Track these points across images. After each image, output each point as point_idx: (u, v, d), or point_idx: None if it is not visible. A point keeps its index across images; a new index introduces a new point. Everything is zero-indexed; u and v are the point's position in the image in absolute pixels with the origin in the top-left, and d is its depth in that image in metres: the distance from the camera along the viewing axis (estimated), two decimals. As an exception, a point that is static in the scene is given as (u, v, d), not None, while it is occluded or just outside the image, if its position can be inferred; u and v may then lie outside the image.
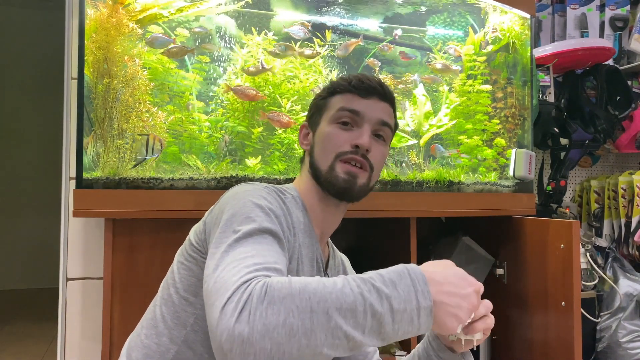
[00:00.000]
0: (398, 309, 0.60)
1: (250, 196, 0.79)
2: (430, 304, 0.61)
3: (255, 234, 0.71)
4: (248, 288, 0.58)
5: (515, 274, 1.67)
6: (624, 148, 2.23)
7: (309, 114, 0.98)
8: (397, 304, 0.60)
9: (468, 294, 0.65)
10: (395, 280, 0.62)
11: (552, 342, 1.48)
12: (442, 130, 1.67)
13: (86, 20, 1.27)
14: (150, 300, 0.91)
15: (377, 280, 0.61)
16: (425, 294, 0.61)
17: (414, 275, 0.62)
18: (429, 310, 0.61)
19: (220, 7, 1.45)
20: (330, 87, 0.95)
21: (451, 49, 1.70)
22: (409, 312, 0.60)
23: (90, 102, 1.27)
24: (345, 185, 0.88)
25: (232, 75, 1.47)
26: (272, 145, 1.46)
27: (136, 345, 0.85)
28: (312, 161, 0.92)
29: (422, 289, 0.62)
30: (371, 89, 0.91)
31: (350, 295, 0.59)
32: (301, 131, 0.99)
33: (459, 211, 1.57)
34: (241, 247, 0.68)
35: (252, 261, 0.64)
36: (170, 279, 0.86)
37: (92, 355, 1.44)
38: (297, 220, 0.86)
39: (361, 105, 0.90)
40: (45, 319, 3.35)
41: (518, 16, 1.77)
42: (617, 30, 2.27)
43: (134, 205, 1.23)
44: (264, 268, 0.64)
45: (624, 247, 2.13)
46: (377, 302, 0.59)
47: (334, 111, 0.91)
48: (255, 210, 0.75)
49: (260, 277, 0.61)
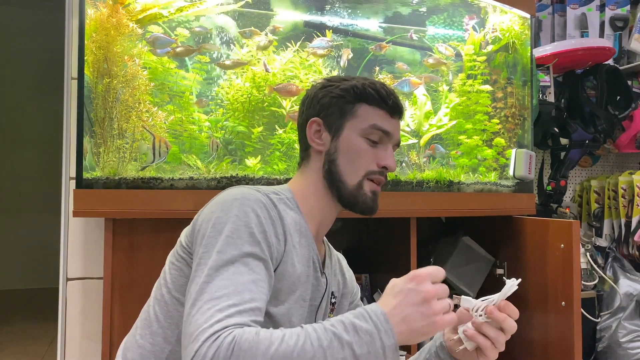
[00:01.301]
0: (361, 353, 0.64)
1: (237, 210, 0.78)
2: (394, 341, 0.64)
3: (237, 260, 0.73)
4: (216, 342, 0.62)
5: (515, 274, 1.67)
6: (624, 148, 2.23)
7: (324, 111, 0.92)
8: (359, 348, 0.64)
9: (431, 313, 0.66)
10: (356, 325, 0.65)
11: (552, 342, 1.48)
12: (442, 130, 1.67)
13: (86, 20, 1.27)
14: (150, 300, 0.92)
15: (338, 327, 0.65)
16: (388, 333, 0.65)
17: (374, 316, 0.66)
18: (394, 347, 0.65)
19: (220, 7, 1.45)
20: (358, 92, 0.90)
21: (441, 47, 1.69)
22: (373, 353, 0.64)
23: (90, 102, 1.27)
24: (372, 205, 0.92)
25: (232, 75, 1.47)
26: (272, 145, 1.46)
27: (131, 346, 0.86)
28: (333, 169, 0.90)
29: (385, 329, 0.65)
30: (399, 108, 0.93)
31: (310, 351, 0.62)
32: (311, 126, 0.93)
33: (459, 211, 1.57)
34: (219, 279, 0.71)
35: (227, 303, 0.67)
36: (162, 279, 0.87)
37: (92, 355, 1.44)
38: (291, 221, 0.86)
39: (390, 125, 0.92)
40: (45, 319, 3.35)
41: (518, 16, 1.77)
42: (617, 30, 2.27)
43: (134, 205, 1.23)
44: (237, 312, 0.67)
45: (624, 247, 2.13)
46: (338, 351, 0.63)
47: (365, 125, 0.90)
48: (239, 230, 0.75)
49: (231, 327, 0.65)
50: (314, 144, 0.93)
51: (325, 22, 1.59)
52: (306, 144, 0.94)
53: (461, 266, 1.66)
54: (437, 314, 0.66)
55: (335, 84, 0.93)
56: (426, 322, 0.66)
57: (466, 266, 1.67)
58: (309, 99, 0.95)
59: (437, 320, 0.66)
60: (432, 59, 1.66)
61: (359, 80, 0.92)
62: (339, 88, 0.92)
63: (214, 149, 1.37)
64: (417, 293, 0.67)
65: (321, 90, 0.94)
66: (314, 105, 0.93)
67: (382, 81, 1.02)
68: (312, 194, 0.92)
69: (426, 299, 0.66)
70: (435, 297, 0.67)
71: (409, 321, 0.66)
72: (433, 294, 0.67)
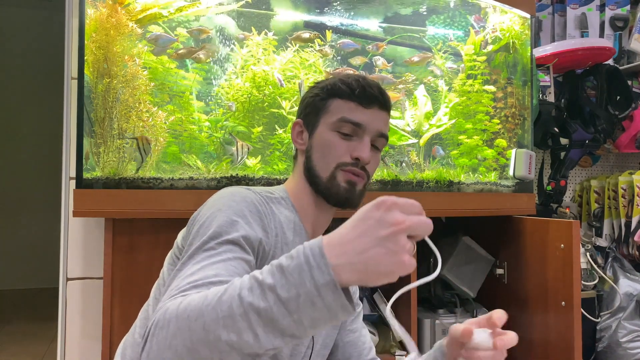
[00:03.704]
0: (289, 297, 0.51)
1: (222, 205, 0.79)
2: (330, 278, 0.51)
3: (213, 248, 0.71)
4: (157, 315, 0.58)
5: (515, 274, 1.67)
6: (624, 148, 2.23)
7: (304, 111, 0.95)
8: (285, 292, 0.51)
9: (383, 237, 0.51)
10: (283, 265, 0.53)
11: (552, 341, 1.48)
12: (441, 130, 1.67)
13: (86, 20, 1.27)
14: (150, 300, 0.92)
15: (264, 272, 0.54)
16: (322, 269, 0.51)
17: (308, 250, 0.53)
18: (333, 285, 0.51)
19: (220, 7, 1.45)
20: (330, 88, 0.92)
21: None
22: (304, 296, 0.51)
23: (90, 102, 1.27)
24: (347, 195, 0.89)
25: (232, 74, 1.47)
26: (272, 145, 1.46)
27: (130, 344, 0.88)
28: (309, 165, 0.92)
29: (318, 264, 0.51)
30: (373, 98, 0.90)
31: (227, 302, 0.53)
32: (294, 128, 0.96)
33: (459, 211, 1.57)
34: (189, 265, 0.68)
35: (187, 280, 0.64)
36: (161, 280, 0.89)
37: (92, 355, 1.44)
38: (285, 219, 0.87)
39: (363, 116, 0.89)
40: (45, 319, 3.35)
41: (518, 16, 1.77)
42: (617, 30, 2.27)
43: (134, 205, 1.23)
44: (193, 287, 0.62)
45: (624, 247, 2.13)
46: (258, 299, 0.52)
47: (334, 118, 0.90)
48: (221, 223, 0.75)
49: (178, 298, 0.60)
50: (297, 144, 0.96)
51: (325, 22, 1.59)
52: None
53: (461, 266, 1.66)
54: (406, 251, 0.51)
55: (317, 84, 0.95)
56: (392, 259, 0.51)
57: (466, 266, 1.67)
58: (300, 102, 0.99)
59: (405, 260, 0.51)
60: (417, 57, 1.65)
61: (337, 77, 0.93)
62: (317, 87, 0.94)
63: (243, 153, 1.37)
64: (382, 224, 0.52)
65: (306, 92, 0.97)
66: (300, 108, 0.97)
67: (363, 75, 1.00)
68: (302, 192, 0.93)
69: (394, 233, 0.51)
70: (405, 232, 0.52)
71: (369, 257, 0.51)
72: (404, 226, 0.52)
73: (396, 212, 0.52)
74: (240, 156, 1.36)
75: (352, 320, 1.05)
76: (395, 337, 1.54)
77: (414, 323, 1.50)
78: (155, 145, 1.32)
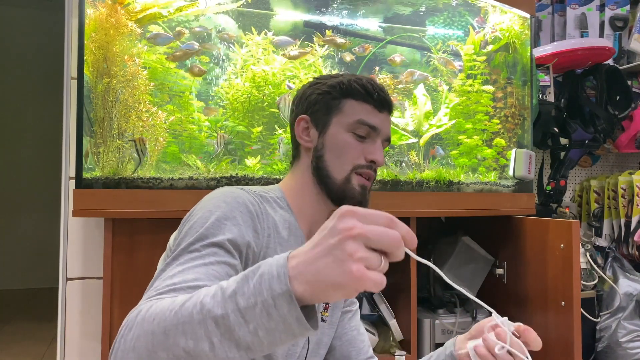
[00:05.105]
0: (247, 306, 0.49)
1: (211, 205, 0.78)
2: (287, 288, 0.48)
3: (197, 250, 0.71)
4: (129, 316, 0.58)
5: (515, 274, 1.67)
6: (623, 148, 2.23)
7: (311, 108, 0.93)
8: (245, 301, 0.50)
9: (331, 245, 0.47)
10: (249, 273, 0.52)
11: (552, 341, 1.48)
12: (441, 130, 1.67)
13: (86, 20, 1.27)
14: (150, 300, 0.92)
15: (232, 279, 0.53)
16: (281, 278, 0.49)
17: (275, 259, 0.51)
18: (288, 296, 0.48)
19: (220, 6, 1.45)
20: (344, 88, 0.91)
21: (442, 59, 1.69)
22: (261, 305, 0.49)
23: (90, 102, 1.27)
24: (361, 199, 0.91)
25: (232, 74, 1.47)
26: (271, 144, 1.46)
27: None
28: (320, 165, 0.91)
29: (279, 273, 0.49)
30: (385, 103, 0.93)
31: (189, 308, 0.52)
32: (299, 124, 0.94)
33: (459, 211, 1.57)
34: (172, 265, 0.68)
35: (166, 283, 0.64)
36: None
37: (92, 355, 1.44)
38: (279, 219, 0.86)
39: (377, 120, 0.91)
40: (45, 319, 3.35)
41: (518, 16, 1.77)
42: (617, 30, 2.27)
43: (134, 205, 1.23)
44: (171, 289, 0.62)
45: (623, 247, 2.13)
46: (217, 306, 0.51)
47: (351, 120, 0.90)
48: (205, 221, 0.75)
49: (152, 300, 0.60)
50: (302, 141, 0.94)
51: (325, 22, 1.59)
52: (296, 142, 0.96)
53: (461, 266, 1.66)
54: (353, 260, 0.46)
55: (323, 81, 0.94)
56: (339, 270, 0.46)
57: (466, 266, 1.67)
58: (299, 97, 0.97)
59: (354, 270, 0.45)
60: (398, 57, 1.65)
61: (346, 77, 0.93)
62: (325, 85, 0.93)
63: (221, 144, 1.38)
64: (332, 231, 0.48)
65: (309, 88, 0.95)
66: (302, 103, 0.95)
67: (371, 77, 1.01)
68: (303, 191, 0.93)
69: (342, 240, 0.47)
70: (355, 239, 0.47)
71: (318, 268, 0.48)
72: (354, 233, 0.47)
73: (348, 219, 0.48)
74: (219, 146, 1.39)
75: (350, 318, 1.05)
76: (396, 336, 1.54)
77: (413, 323, 1.50)
78: (155, 145, 1.32)
